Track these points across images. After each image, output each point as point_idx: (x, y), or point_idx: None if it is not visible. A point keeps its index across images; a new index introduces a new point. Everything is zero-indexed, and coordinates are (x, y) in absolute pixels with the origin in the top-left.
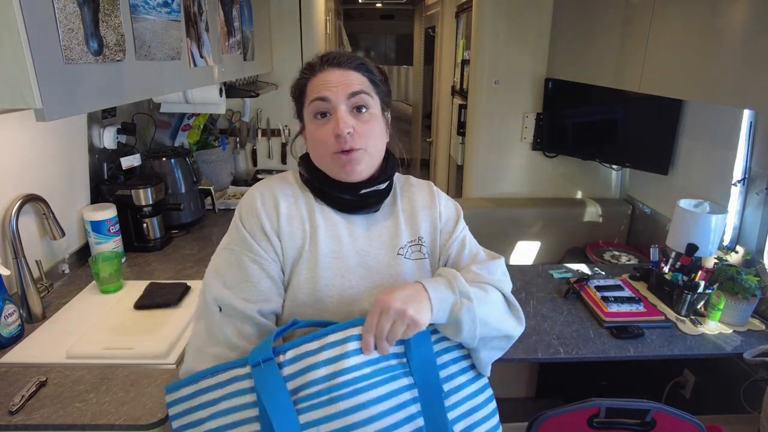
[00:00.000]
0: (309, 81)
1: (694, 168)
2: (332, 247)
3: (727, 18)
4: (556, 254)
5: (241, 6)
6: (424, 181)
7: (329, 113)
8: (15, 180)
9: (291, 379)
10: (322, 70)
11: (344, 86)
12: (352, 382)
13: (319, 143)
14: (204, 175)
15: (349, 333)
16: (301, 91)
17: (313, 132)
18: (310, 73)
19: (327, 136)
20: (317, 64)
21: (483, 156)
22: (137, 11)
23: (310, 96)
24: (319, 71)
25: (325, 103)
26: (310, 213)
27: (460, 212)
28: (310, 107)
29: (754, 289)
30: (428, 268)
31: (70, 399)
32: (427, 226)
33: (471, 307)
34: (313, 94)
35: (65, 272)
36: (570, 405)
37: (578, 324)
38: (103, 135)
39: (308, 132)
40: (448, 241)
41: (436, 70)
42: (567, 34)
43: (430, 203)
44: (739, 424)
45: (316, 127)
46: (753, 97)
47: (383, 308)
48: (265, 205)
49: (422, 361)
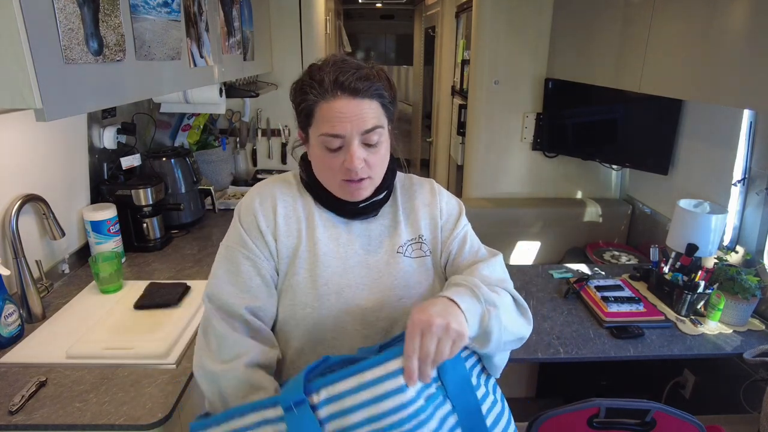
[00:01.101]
0: (318, 104)
1: (694, 168)
2: (331, 247)
3: (727, 18)
4: (556, 254)
5: (241, 6)
6: (426, 179)
7: (341, 146)
8: (15, 180)
9: (328, 421)
10: (335, 96)
11: (359, 122)
12: (397, 425)
13: (326, 170)
14: (204, 175)
15: (387, 369)
16: (309, 111)
17: (320, 158)
18: (320, 96)
19: (336, 165)
20: (329, 88)
21: (483, 156)
22: (137, 11)
23: (321, 126)
24: (332, 97)
25: (338, 139)
26: (308, 214)
27: (462, 209)
28: (320, 138)
29: (754, 289)
30: (430, 266)
31: (70, 399)
32: (428, 223)
33: (498, 314)
34: (324, 125)
35: (65, 272)
36: (570, 405)
37: (578, 324)
38: (103, 135)
39: (314, 154)
40: (449, 237)
41: (436, 70)
42: (567, 34)
43: (430, 201)
44: (739, 424)
45: (324, 155)
46: (753, 97)
47: (424, 327)
48: (263, 204)
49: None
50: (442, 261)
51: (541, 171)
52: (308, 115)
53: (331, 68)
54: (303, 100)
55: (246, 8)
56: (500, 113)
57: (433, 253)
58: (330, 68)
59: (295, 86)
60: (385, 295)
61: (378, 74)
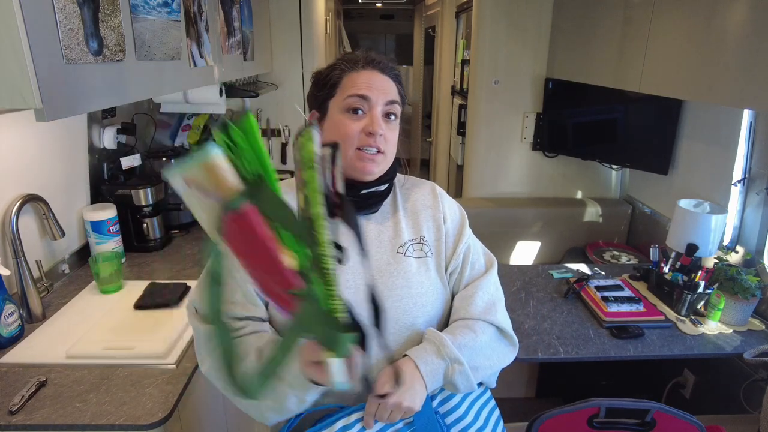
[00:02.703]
0: (346, 74)
1: (694, 168)
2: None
3: (727, 18)
4: (556, 254)
5: (241, 6)
6: (427, 182)
7: (363, 111)
8: (15, 180)
9: None
10: (365, 68)
11: (384, 92)
12: None
13: (345, 136)
14: None
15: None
16: (334, 82)
17: (341, 124)
18: (350, 68)
19: (356, 131)
20: (360, 61)
21: (483, 156)
22: (137, 11)
23: (348, 89)
24: (362, 68)
25: (364, 101)
26: None
27: (465, 217)
28: (346, 101)
29: (754, 289)
30: (431, 266)
31: (70, 399)
32: (430, 225)
33: (463, 370)
34: (352, 88)
35: (65, 272)
36: (570, 405)
37: (578, 324)
38: (103, 135)
39: (333, 123)
40: (455, 249)
41: (436, 70)
42: (567, 34)
43: (432, 203)
44: (739, 424)
45: (346, 121)
46: (753, 97)
47: (383, 403)
48: None
49: (426, 419)
50: (449, 269)
51: (541, 171)
52: (333, 86)
53: (362, 51)
54: (329, 74)
55: (246, 8)
56: (500, 113)
57: (435, 256)
58: (361, 51)
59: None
60: (386, 295)
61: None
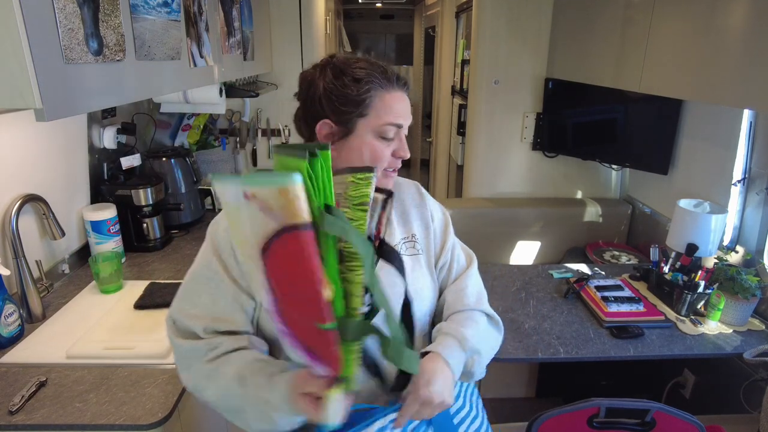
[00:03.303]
0: (378, 94)
1: (694, 168)
2: None
3: (727, 18)
4: (556, 254)
5: (241, 6)
6: (411, 181)
7: (394, 136)
8: (15, 180)
9: None
10: (395, 89)
11: (409, 116)
12: None
13: (378, 160)
14: (204, 175)
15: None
16: (368, 101)
17: (374, 148)
18: (382, 86)
19: (388, 155)
20: (392, 80)
21: (483, 156)
22: (137, 11)
23: (385, 115)
24: (392, 89)
25: (397, 129)
26: None
27: (448, 216)
28: (383, 128)
29: (754, 289)
30: (423, 263)
31: (70, 399)
32: (420, 224)
33: (480, 359)
34: (389, 115)
35: (65, 272)
36: (570, 405)
37: (578, 324)
38: (103, 135)
39: (363, 144)
40: (442, 248)
41: (436, 70)
42: (567, 34)
43: (419, 202)
44: (739, 424)
45: (380, 145)
46: (753, 97)
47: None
48: None
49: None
50: (438, 264)
51: (541, 171)
52: (366, 106)
53: (376, 63)
54: (360, 88)
55: (246, 8)
56: (500, 113)
57: (426, 253)
58: (375, 63)
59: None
60: (387, 293)
61: None
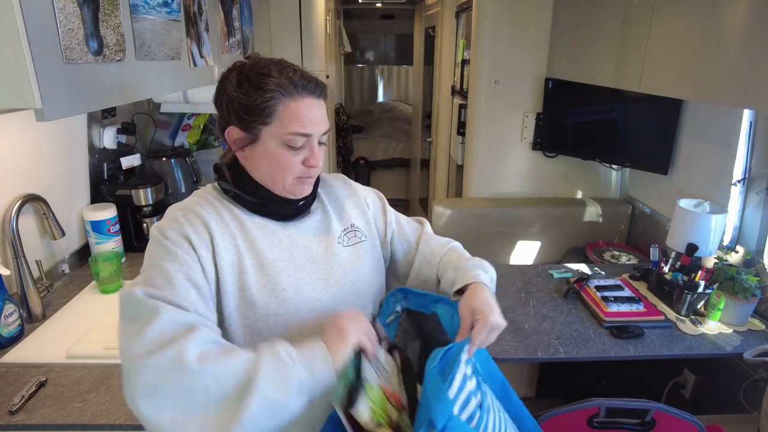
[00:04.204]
0: (282, 102)
1: (694, 168)
2: (276, 252)
3: (727, 18)
4: (556, 254)
5: (241, 6)
6: (336, 174)
7: (303, 145)
8: (15, 180)
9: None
10: (302, 96)
11: (321, 123)
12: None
13: (285, 168)
14: (204, 175)
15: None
16: (269, 109)
17: (280, 157)
18: (286, 93)
19: (295, 163)
20: (297, 86)
21: (483, 156)
22: (137, 11)
23: (289, 124)
24: (299, 96)
25: (305, 138)
26: (241, 226)
27: (383, 198)
28: (287, 137)
29: (754, 289)
30: (369, 249)
31: (70, 399)
32: (357, 212)
33: (494, 278)
34: (294, 124)
35: (65, 272)
36: (570, 405)
37: (578, 324)
38: (103, 135)
39: (269, 153)
40: (385, 222)
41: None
42: (567, 34)
43: (350, 192)
44: (739, 424)
45: (284, 154)
46: (753, 97)
47: (494, 327)
48: (190, 220)
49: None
50: (388, 237)
51: (541, 171)
52: (267, 114)
53: (288, 67)
54: (261, 97)
55: (246, 8)
56: (500, 113)
57: (370, 237)
58: (286, 67)
59: (241, 80)
60: (339, 284)
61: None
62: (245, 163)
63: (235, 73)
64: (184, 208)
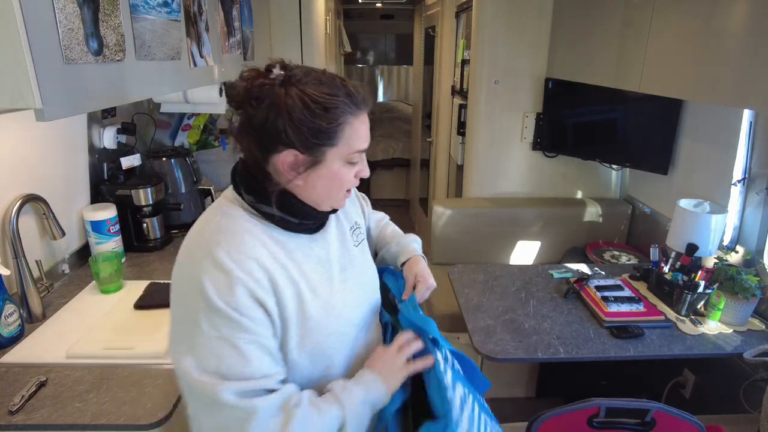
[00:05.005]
0: (348, 121)
1: (694, 168)
2: (320, 270)
3: (727, 18)
4: (556, 254)
5: (241, 6)
6: None
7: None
8: (15, 180)
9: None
10: (361, 112)
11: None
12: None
13: (343, 184)
14: (204, 175)
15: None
16: (336, 131)
17: (342, 175)
18: (351, 113)
19: (350, 178)
20: (359, 104)
21: (483, 156)
22: (137, 11)
23: (353, 142)
24: (361, 113)
25: (363, 154)
26: (286, 252)
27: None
28: (352, 155)
29: (754, 289)
30: (367, 246)
31: (70, 399)
32: (358, 210)
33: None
34: (357, 141)
35: (65, 272)
36: (570, 405)
37: (578, 324)
38: (103, 135)
39: (332, 173)
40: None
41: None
42: (567, 34)
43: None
44: (739, 424)
45: (346, 170)
46: (753, 97)
47: (430, 287)
48: (247, 269)
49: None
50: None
51: (541, 171)
52: (335, 136)
53: (342, 83)
54: (330, 120)
55: (246, 8)
56: (500, 113)
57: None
58: (340, 82)
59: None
60: (362, 283)
61: None
62: (298, 185)
63: (291, 89)
64: (230, 252)
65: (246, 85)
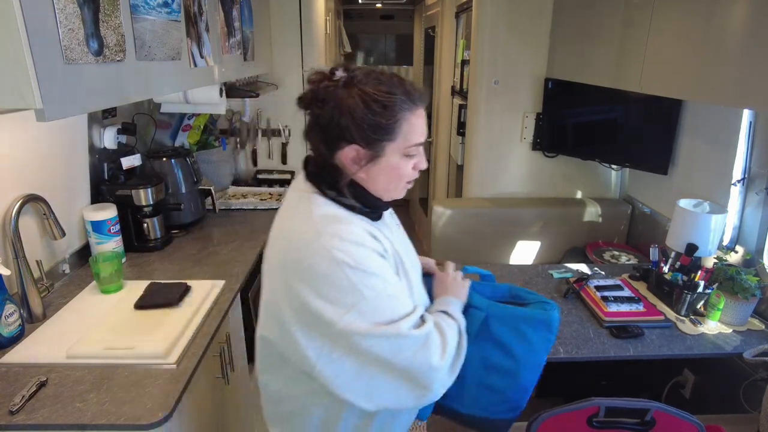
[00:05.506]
0: (405, 117)
1: (694, 168)
2: (400, 248)
3: (727, 18)
4: (556, 254)
5: (241, 6)
6: None
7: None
8: (15, 180)
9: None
10: (418, 107)
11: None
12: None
13: (402, 176)
14: (204, 175)
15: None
16: (394, 126)
17: (401, 168)
18: (409, 109)
19: (409, 169)
20: (416, 100)
21: (483, 156)
22: (137, 11)
23: (412, 136)
24: (417, 108)
25: (421, 147)
26: (377, 235)
27: None
28: (410, 149)
29: (754, 289)
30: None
31: (71, 399)
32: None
33: None
34: (415, 135)
35: (65, 272)
36: (570, 405)
37: (578, 324)
38: (103, 135)
39: (391, 166)
40: None
41: (436, 70)
42: (567, 34)
43: None
44: (739, 424)
45: (404, 164)
46: (753, 97)
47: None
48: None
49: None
50: None
51: (541, 171)
52: (393, 131)
53: (400, 81)
54: (389, 117)
55: (246, 8)
56: (500, 113)
57: None
58: (399, 80)
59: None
60: (416, 266)
61: None
62: (362, 178)
63: (353, 90)
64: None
65: (313, 87)
